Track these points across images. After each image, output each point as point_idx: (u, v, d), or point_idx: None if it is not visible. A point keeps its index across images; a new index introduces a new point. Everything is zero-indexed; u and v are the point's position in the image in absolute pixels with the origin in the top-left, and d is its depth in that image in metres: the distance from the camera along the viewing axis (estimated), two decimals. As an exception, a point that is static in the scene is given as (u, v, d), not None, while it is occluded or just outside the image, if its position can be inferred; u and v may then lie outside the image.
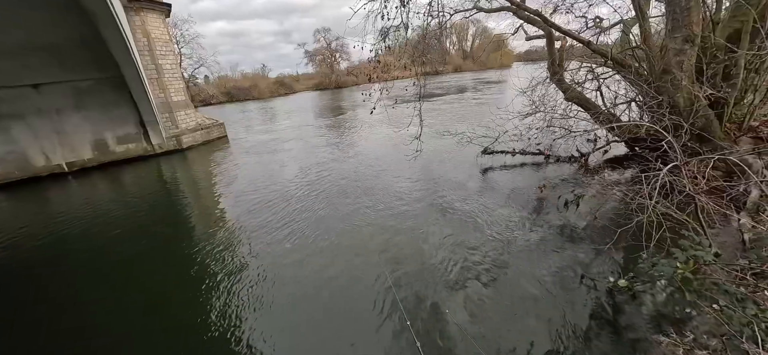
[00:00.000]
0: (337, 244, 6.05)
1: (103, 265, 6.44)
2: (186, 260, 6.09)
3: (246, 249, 6.20)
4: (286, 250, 6.01)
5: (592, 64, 8.72)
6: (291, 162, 12.04)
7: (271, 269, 5.50)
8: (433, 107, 21.80)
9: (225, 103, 45.31)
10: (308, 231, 6.60)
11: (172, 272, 5.87)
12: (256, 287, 5.06)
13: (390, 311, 4.22)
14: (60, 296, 5.57)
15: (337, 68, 60.50)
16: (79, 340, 4.50)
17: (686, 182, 4.25)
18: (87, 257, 6.84)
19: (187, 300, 5.00)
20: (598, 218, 5.95)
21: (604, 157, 9.01)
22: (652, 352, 3.11)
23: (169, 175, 12.73)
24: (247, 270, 5.53)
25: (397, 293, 4.46)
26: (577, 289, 4.37)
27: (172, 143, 15.75)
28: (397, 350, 3.67)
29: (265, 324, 4.33)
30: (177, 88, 16.46)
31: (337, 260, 5.56)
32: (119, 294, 5.41)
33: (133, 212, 9.10)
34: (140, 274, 5.96)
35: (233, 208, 8.32)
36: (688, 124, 5.75)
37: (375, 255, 5.53)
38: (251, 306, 4.67)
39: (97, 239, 7.66)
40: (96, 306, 5.16)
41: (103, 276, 6.04)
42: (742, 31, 5.67)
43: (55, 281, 6.03)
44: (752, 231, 4.72)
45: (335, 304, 4.54)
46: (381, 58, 6.43)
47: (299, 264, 5.54)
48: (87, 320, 4.87)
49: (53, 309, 5.22)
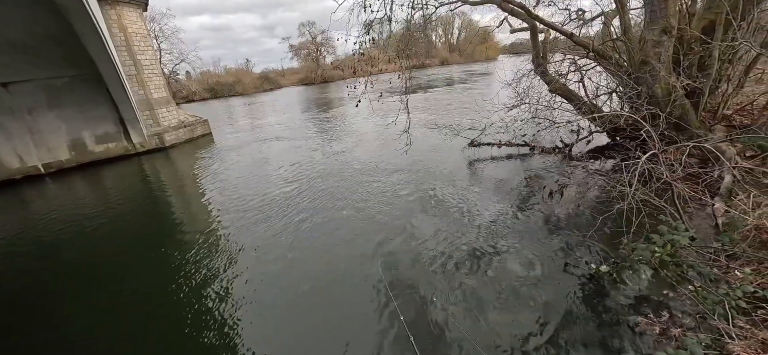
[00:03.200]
0: (326, 239, 6.04)
1: (84, 268, 6.27)
2: (172, 261, 5.97)
3: (234, 247, 6.13)
4: (275, 247, 5.96)
5: (575, 56, 8.88)
6: (278, 159, 11.89)
7: (260, 266, 5.46)
8: (420, 100, 21.84)
9: (208, 100, 44.22)
10: (297, 228, 6.56)
11: (158, 275, 5.73)
12: (245, 286, 5.02)
13: (381, 304, 4.25)
14: (35, 301, 5.38)
15: (323, 62, 59.78)
16: (59, 349, 4.38)
17: (663, 169, 4.40)
18: (67, 260, 6.64)
19: (174, 303, 4.91)
20: (581, 207, 6.11)
21: (587, 148, 9.22)
22: (631, 332, 3.23)
23: (152, 175, 12.40)
24: (235, 269, 5.48)
25: (388, 285, 4.50)
26: (561, 276, 4.49)
27: (154, 142, 15.32)
28: (389, 340, 3.70)
29: (255, 322, 4.31)
30: (157, 84, 15.98)
31: (327, 254, 5.55)
32: (101, 298, 5.27)
33: (114, 213, 8.85)
34: (124, 277, 5.80)
35: (220, 207, 8.18)
36: (665, 113, 5.94)
37: (365, 249, 5.56)
38: (240, 305, 4.62)
39: (77, 241, 7.44)
40: (77, 311, 5.02)
41: (84, 279, 5.88)
42: (716, 23, 5.85)
43: (34, 286, 5.83)
44: (725, 215, 4.92)
45: (326, 298, 4.55)
46: (365, 52, 6.37)
47: (288, 261, 5.51)
48: (69, 327, 4.73)
49: (26, 316, 5.04)
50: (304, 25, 59.39)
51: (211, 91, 46.52)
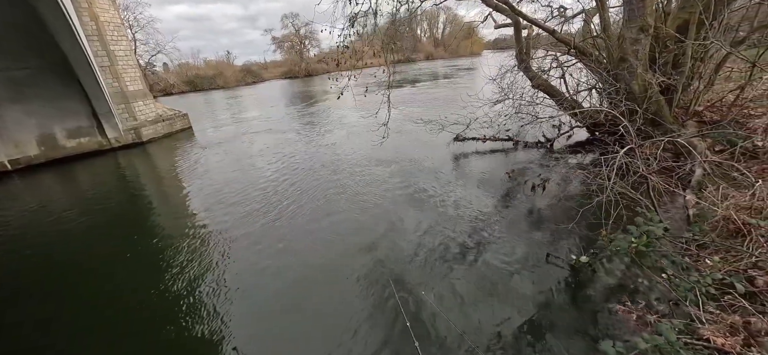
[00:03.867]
0: (313, 235, 5.99)
1: (59, 269, 5.98)
2: (152, 260, 5.79)
3: (218, 244, 6.00)
4: (260, 245, 5.85)
5: (557, 53, 9.08)
6: (263, 154, 11.66)
7: (244, 265, 5.34)
8: (407, 94, 21.84)
9: (187, 93, 42.83)
10: (284, 223, 6.48)
11: (138, 274, 5.53)
12: (229, 284, 4.91)
13: (370, 295, 4.26)
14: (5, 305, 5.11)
15: (307, 56, 58.86)
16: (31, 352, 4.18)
17: (640, 163, 4.57)
18: (38, 261, 6.32)
19: (156, 303, 4.76)
20: (563, 200, 6.28)
21: (568, 142, 9.47)
22: (609, 320, 3.36)
23: (128, 171, 11.93)
24: (219, 266, 5.37)
25: (376, 280, 4.51)
26: (543, 266, 4.61)
27: (130, 136, 14.73)
28: (378, 330, 3.71)
29: (243, 318, 4.24)
30: (133, 76, 15.33)
31: (313, 252, 5.50)
32: (75, 300, 5.06)
33: (89, 210, 8.48)
34: (102, 278, 5.56)
35: (202, 203, 7.95)
36: (642, 109, 6.16)
37: (351, 244, 5.55)
38: (225, 302, 4.53)
39: (49, 240, 7.08)
40: (49, 314, 4.79)
41: (57, 281, 5.61)
42: (689, 22, 6.09)
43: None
44: (696, 207, 5.17)
45: (314, 297, 4.51)
46: (350, 45, 6.30)
47: (274, 259, 5.42)
48: (41, 330, 4.52)
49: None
50: (287, 17, 58.34)
51: (191, 84, 45.08)
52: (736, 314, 2.41)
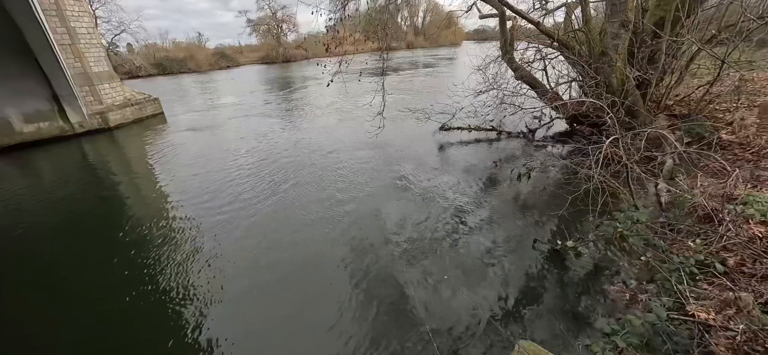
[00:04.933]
0: (295, 224, 5.87)
1: (15, 265, 5.54)
2: (122, 254, 5.41)
3: (193, 236, 5.73)
4: (238, 238, 5.62)
5: (540, 45, 9.30)
6: (240, 143, 11.23)
7: (222, 259, 5.09)
8: (389, 83, 21.70)
9: (155, 77, 40.28)
10: (264, 214, 6.29)
11: (107, 270, 5.13)
12: (206, 278, 4.70)
13: (353, 290, 4.26)
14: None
15: (285, 41, 56.90)
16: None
17: (622, 153, 4.81)
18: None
19: (127, 300, 4.46)
20: (547, 188, 6.53)
21: (549, 133, 9.81)
22: (599, 300, 3.56)
23: (95, 159, 11.16)
24: (195, 258, 5.12)
25: (360, 271, 4.53)
26: (530, 253, 4.78)
27: (95, 121, 13.74)
28: (364, 322, 3.74)
29: (222, 312, 4.11)
30: (97, 56, 14.22)
31: (296, 241, 5.39)
32: (36, 300, 4.71)
33: (50, 201, 7.86)
34: (67, 275, 5.15)
35: (177, 195, 7.52)
36: (620, 102, 6.45)
37: (337, 231, 5.51)
38: (202, 296, 4.35)
39: (6, 237, 6.54)
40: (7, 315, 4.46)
41: (14, 280, 5.21)
42: (665, 19, 6.40)
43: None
44: (668, 194, 5.54)
45: (298, 287, 4.44)
46: (340, 29, 6.14)
47: (254, 253, 5.22)
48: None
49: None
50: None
51: (159, 67, 42.42)
52: (716, 290, 2.62)
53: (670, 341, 2.44)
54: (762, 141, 5.94)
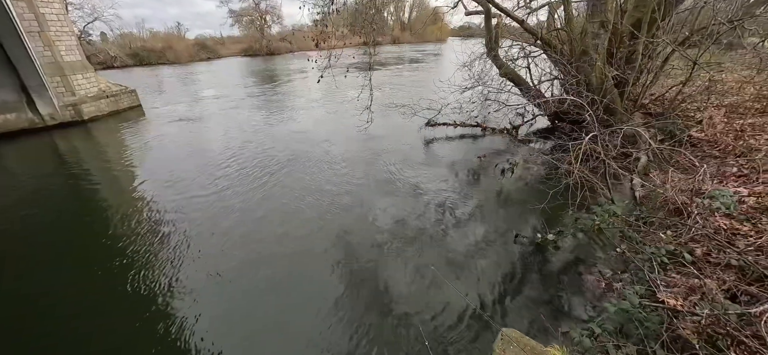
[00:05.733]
0: (279, 220, 5.81)
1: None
2: (98, 254, 5.21)
3: (170, 238, 5.51)
4: (217, 235, 5.48)
5: (524, 43, 9.50)
6: (223, 137, 10.99)
7: (201, 257, 4.99)
8: (376, 78, 21.60)
9: (131, 67, 38.60)
10: (249, 212, 6.15)
11: (82, 271, 4.93)
12: (185, 279, 4.57)
13: (339, 282, 4.30)
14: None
15: (268, 33, 55.62)
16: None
17: (600, 149, 5.01)
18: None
19: (103, 302, 4.33)
20: (529, 183, 6.73)
21: (531, 130, 10.06)
22: (578, 289, 3.73)
23: (67, 153, 10.67)
24: (176, 264, 4.93)
25: (345, 263, 4.56)
26: (512, 245, 4.94)
27: (68, 113, 13.11)
28: (350, 320, 3.78)
29: (205, 316, 4.06)
30: (69, 45, 13.54)
31: (280, 238, 5.33)
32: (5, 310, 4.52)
33: (18, 197, 7.50)
34: (40, 276, 4.94)
35: (156, 192, 7.24)
36: (600, 100, 6.69)
37: (322, 227, 5.51)
38: (184, 299, 4.23)
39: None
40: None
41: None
42: (642, 21, 6.65)
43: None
44: (642, 189, 5.81)
45: (282, 284, 4.41)
46: (328, 23, 6.08)
47: (236, 247, 5.14)
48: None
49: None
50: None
51: (136, 58, 40.67)
52: (684, 279, 2.80)
53: (641, 326, 2.60)
54: (728, 139, 6.30)
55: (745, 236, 3.40)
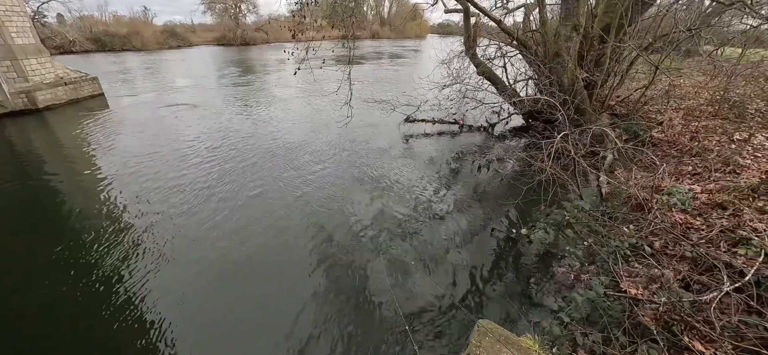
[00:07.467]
0: (254, 216, 5.66)
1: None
2: (57, 254, 4.84)
3: (135, 235, 5.23)
4: (190, 233, 5.26)
5: (501, 43, 9.74)
6: (194, 129, 10.49)
7: (177, 254, 4.79)
8: (355, 72, 21.40)
9: (92, 53, 36.07)
10: (220, 207, 5.92)
11: (42, 272, 4.57)
12: (151, 277, 4.39)
13: (319, 278, 4.27)
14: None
15: (243, 22, 53.70)
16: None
17: (571, 148, 5.23)
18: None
19: (67, 304, 4.09)
20: (504, 180, 6.92)
21: (506, 128, 10.36)
22: (552, 280, 3.90)
23: (19, 143, 9.84)
24: (141, 263, 4.68)
25: (325, 259, 4.54)
26: (488, 240, 5.09)
27: (20, 101, 12.10)
28: (326, 314, 3.76)
29: (176, 316, 3.92)
30: (20, 27, 12.46)
31: (255, 233, 5.21)
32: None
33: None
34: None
35: (118, 185, 6.84)
36: (571, 100, 6.98)
37: (298, 223, 5.43)
38: (152, 304, 4.02)
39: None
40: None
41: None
42: (611, 25, 6.98)
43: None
44: (608, 186, 6.14)
45: (256, 282, 4.30)
46: (308, 14, 5.95)
47: (209, 244, 4.96)
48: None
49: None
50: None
51: (97, 43, 38.02)
52: (644, 269, 2.99)
53: (606, 314, 2.76)
54: (685, 140, 6.76)
55: (698, 230, 3.67)
